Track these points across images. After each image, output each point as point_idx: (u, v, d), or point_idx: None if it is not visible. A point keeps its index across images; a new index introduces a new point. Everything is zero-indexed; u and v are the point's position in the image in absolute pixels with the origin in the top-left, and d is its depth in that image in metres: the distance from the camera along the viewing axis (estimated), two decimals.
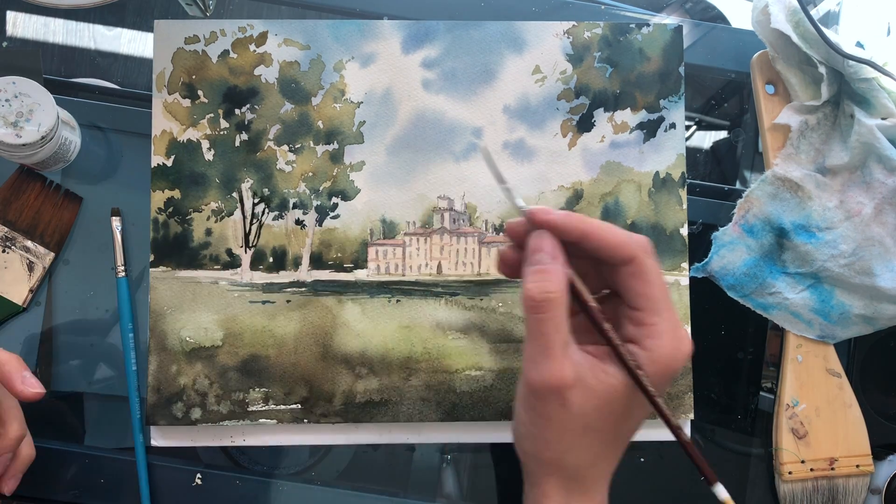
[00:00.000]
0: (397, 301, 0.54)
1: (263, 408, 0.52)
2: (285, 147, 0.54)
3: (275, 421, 0.52)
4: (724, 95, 0.61)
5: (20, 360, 0.44)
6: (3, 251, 0.53)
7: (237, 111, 0.54)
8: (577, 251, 0.38)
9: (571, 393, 0.37)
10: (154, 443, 0.52)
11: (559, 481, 0.39)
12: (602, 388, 0.37)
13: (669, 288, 0.54)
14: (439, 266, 0.55)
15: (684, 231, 0.55)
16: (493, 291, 0.54)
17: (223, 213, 0.54)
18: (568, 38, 0.56)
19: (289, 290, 0.53)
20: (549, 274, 0.37)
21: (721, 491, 0.37)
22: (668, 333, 0.37)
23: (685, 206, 0.55)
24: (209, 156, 0.54)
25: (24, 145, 0.48)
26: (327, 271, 0.54)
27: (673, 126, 0.56)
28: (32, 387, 0.44)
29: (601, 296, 0.40)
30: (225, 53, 0.54)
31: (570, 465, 0.39)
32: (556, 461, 0.39)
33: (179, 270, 0.53)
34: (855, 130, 0.53)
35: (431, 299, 0.54)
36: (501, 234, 0.55)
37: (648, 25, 0.56)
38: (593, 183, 0.55)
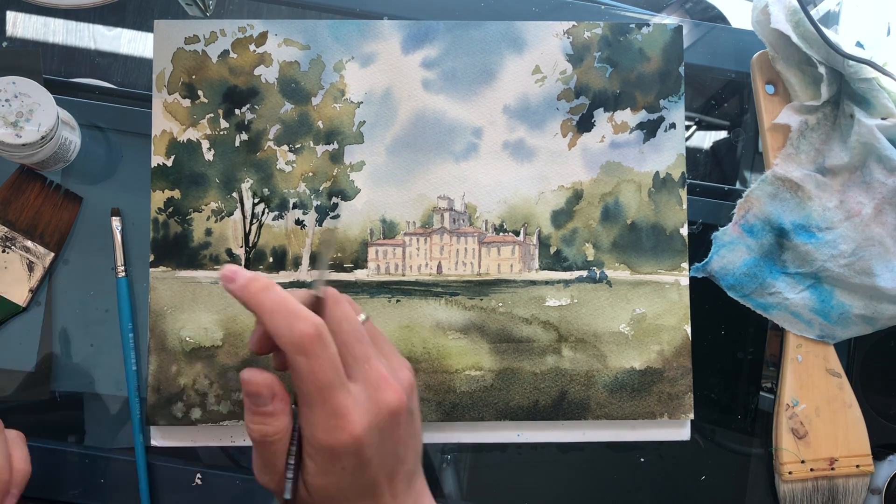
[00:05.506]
0: (397, 301, 0.54)
1: None
2: (285, 147, 0.54)
3: None
4: (724, 95, 0.61)
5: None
6: (3, 251, 0.53)
7: (237, 111, 0.54)
8: None
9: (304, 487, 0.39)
10: (154, 443, 0.52)
11: None
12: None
13: (669, 288, 0.54)
14: (439, 266, 0.55)
15: (684, 231, 0.55)
16: (493, 291, 0.54)
17: (223, 213, 0.54)
18: (568, 38, 0.56)
19: (289, 290, 0.53)
20: (269, 417, 0.39)
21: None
22: (319, 424, 0.38)
23: (685, 206, 0.55)
24: (209, 156, 0.54)
25: (24, 145, 0.48)
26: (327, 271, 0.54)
27: (673, 126, 0.56)
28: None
29: None
30: (225, 53, 0.54)
31: None
32: None
33: (179, 270, 0.53)
34: (855, 130, 0.53)
35: (431, 299, 0.54)
36: (501, 234, 0.55)
37: (648, 25, 0.56)
38: (593, 183, 0.55)
